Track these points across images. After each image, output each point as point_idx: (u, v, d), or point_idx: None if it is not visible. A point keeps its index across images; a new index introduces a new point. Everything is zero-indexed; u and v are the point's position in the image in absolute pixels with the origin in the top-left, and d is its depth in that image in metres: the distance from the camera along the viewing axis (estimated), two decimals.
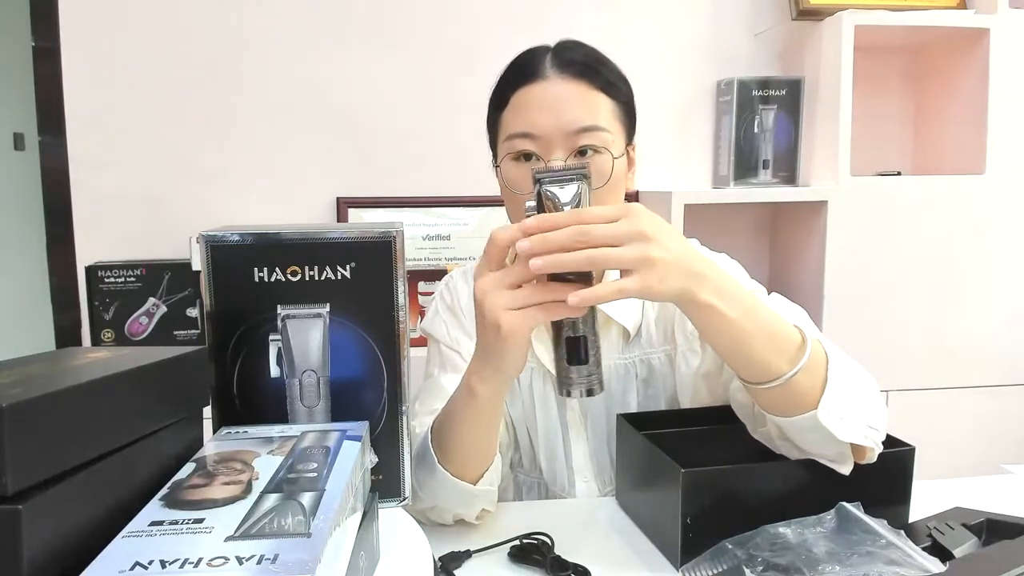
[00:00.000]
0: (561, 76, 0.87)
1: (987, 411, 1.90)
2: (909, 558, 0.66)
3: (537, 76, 0.88)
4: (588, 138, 0.86)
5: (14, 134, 3.26)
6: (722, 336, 0.71)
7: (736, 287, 0.72)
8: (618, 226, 0.65)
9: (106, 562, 0.38)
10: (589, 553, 0.75)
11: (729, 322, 0.69)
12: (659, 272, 0.65)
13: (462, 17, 1.92)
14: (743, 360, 0.73)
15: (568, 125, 0.85)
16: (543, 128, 0.86)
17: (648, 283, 0.65)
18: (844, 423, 0.72)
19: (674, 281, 0.66)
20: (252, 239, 0.60)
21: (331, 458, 0.52)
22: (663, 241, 0.66)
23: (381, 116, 1.91)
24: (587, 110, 0.87)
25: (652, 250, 0.65)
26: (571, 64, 0.88)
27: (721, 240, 1.17)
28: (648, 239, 0.65)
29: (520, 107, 0.88)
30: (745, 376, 0.75)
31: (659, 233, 0.66)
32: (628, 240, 0.65)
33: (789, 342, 0.72)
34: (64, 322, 1.85)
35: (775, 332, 0.72)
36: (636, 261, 0.64)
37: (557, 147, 0.86)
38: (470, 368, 0.76)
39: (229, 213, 1.87)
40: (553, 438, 0.99)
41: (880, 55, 2.00)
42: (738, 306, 0.69)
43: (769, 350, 0.71)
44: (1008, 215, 1.87)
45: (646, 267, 0.64)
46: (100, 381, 0.47)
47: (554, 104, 0.86)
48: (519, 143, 0.88)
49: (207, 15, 1.84)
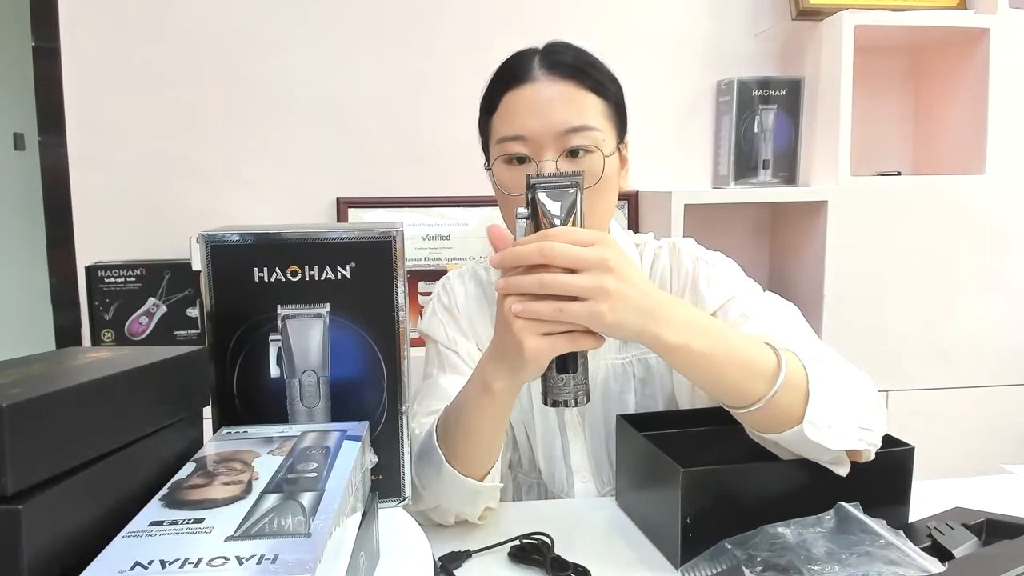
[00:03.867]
0: (550, 78, 0.88)
1: (987, 411, 1.90)
2: (908, 558, 0.66)
3: (526, 79, 0.88)
4: (578, 138, 0.86)
5: (14, 134, 3.26)
6: (696, 371, 0.71)
7: (701, 319, 0.72)
8: (583, 250, 0.65)
9: (106, 562, 0.38)
10: (589, 553, 0.75)
11: (700, 356, 0.69)
12: (612, 303, 0.64)
13: (462, 17, 1.92)
14: (720, 389, 0.73)
15: (557, 126, 0.86)
16: (533, 130, 0.86)
17: (596, 311, 0.64)
18: (833, 431, 0.72)
19: (628, 316, 0.65)
20: (252, 239, 0.60)
21: (331, 458, 0.52)
22: (624, 274, 0.65)
23: (381, 116, 1.91)
24: (576, 110, 0.87)
25: (608, 281, 0.64)
26: (559, 66, 0.89)
27: (721, 240, 1.17)
28: (609, 270, 0.64)
29: (510, 110, 0.89)
30: (726, 402, 0.75)
31: (622, 266, 0.65)
32: (588, 267, 0.64)
33: (764, 364, 0.72)
34: (64, 322, 1.84)
35: (747, 357, 0.72)
36: (591, 289, 0.64)
37: (548, 148, 0.86)
38: (485, 366, 0.75)
39: (229, 213, 1.87)
40: (551, 438, 0.99)
41: (880, 55, 2.00)
42: (706, 338, 0.69)
43: (744, 376, 0.71)
44: (1008, 215, 1.87)
45: (600, 296, 0.64)
46: (100, 381, 0.47)
47: (543, 106, 0.87)
48: (510, 146, 0.88)
49: (207, 15, 1.84)
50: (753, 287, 0.96)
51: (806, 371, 0.73)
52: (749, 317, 0.88)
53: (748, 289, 0.95)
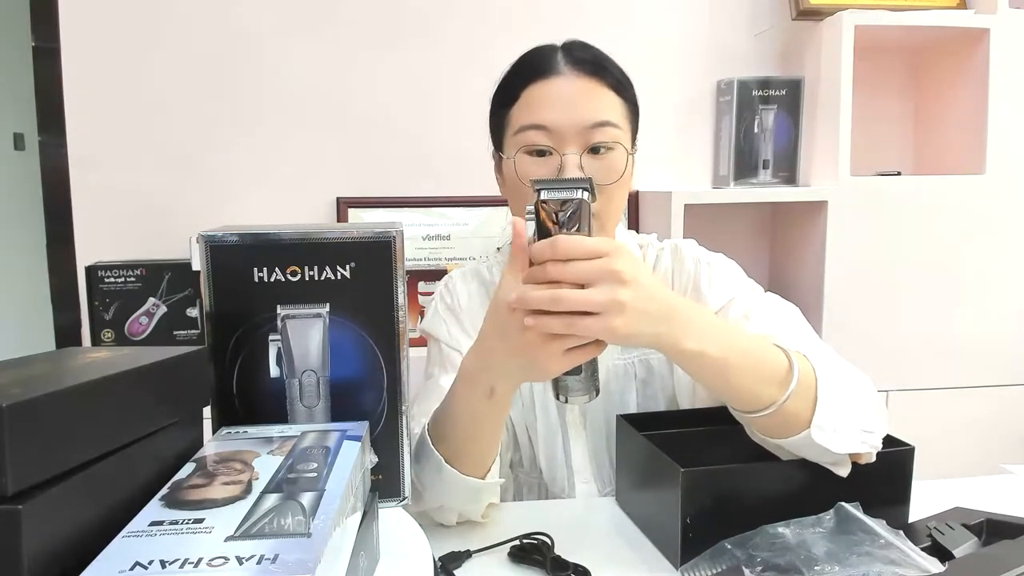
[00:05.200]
0: (575, 72, 0.88)
1: (987, 411, 1.90)
2: (908, 558, 0.66)
3: (550, 72, 0.88)
4: (602, 134, 0.86)
5: (14, 134, 3.26)
6: (710, 376, 0.71)
7: (717, 325, 0.72)
8: (592, 264, 0.63)
9: (106, 562, 0.38)
10: (589, 553, 0.75)
11: (715, 362, 0.69)
12: (626, 318, 0.63)
13: (463, 17, 1.92)
14: (732, 394, 0.73)
15: (582, 120, 0.86)
16: (557, 122, 0.86)
17: (611, 325, 0.63)
18: (838, 435, 0.72)
19: (643, 327, 0.65)
20: (252, 239, 0.60)
21: (331, 458, 0.52)
22: (638, 284, 0.64)
23: (381, 116, 1.91)
24: (600, 106, 0.87)
25: (623, 294, 0.63)
26: (582, 62, 0.89)
27: (721, 240, 1.17)
28: (623, 282, 0.63)
29: (532, 102, 0.88)
30: (737, 407, 0.75)
31: (636, 276, 0.64)
32: (600, 280, 0.63)
33: (776, 368, 0.72)
34: (64, 322, 1.84)
35: (761, 362, 0.71)
36: (604, 304, 0.63)
37: (571, 143, 0.86)
38: (484, 367, 0.73)
39: (229, 213, 1.87)
40: (553, 439, 0.99)
41: (880, 55, 2.00)
42: (722, 344, 0.69)
43: (757, 381, 0.71)
44: (1008, 215, 1.87)
45: (615, 310, 0.63)
46: (100, 381, 0.47)
47: (568, 99, 0.87)
48: (532, 136, 0.87)
49: (207, 15, 1.84)
50: (754, 288, 0.96)
51: (816, 375, 0.73)
52: (750, 318, 0.88)
53: (749, 290, 0.95)
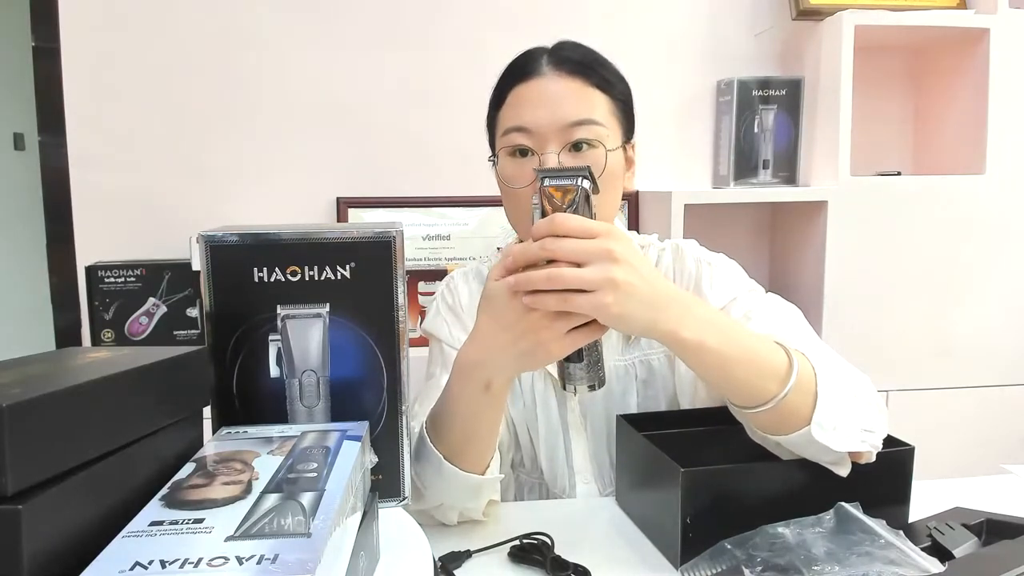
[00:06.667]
0: (557, 73, 0.89)
1: (987, 411, 1.90)
2: (908, 558, 0.66)
3: (533, 73, 0.90)
4: (582, 132, 0.87)
5: (14, 134, 3.26)
6: (709, 368, 0.71)
7: (717, 317, 0.72)
8: (587, 243, 0.65)
9: (106, 562, 0.38)
10: (589, 553, 0.75)
11: (714, 354, 0.69)
12: (617, 295, 0.64)
13: (462, 18, 1.92)
14: (731, 388, 0.73)
15: (562, 119, 0.86)
16: (537, 122, 0.87)
17: (602, 302, 0.64)
18: (838, 433, 0.72)
19: (635, 308, 0.65)
20: (252, 239, 0.60)
21: (331, 458, 0.52)
22: (631, 265, 0.65)
23: (381, 116, 1.91)
24: (581, 105, 0.87)
25: (615, 272, 0.64)
26: (566, 62, 0.90)
27: (721, 240, 1.17)
28: (615, 260, 0.64)
29: (516, 103, 0.90)
30: (736, 401, 0.75)
31: (628, 257, 0.65)
32: (594, 259, 0.64)
33: (776, 363, 0.72)
34: (64, 322, 1.84)
35: (760, 356, 0.72)
36: (597, 282, 0.64)
37: (551, 141, 0.87)
38: (480, 361, 0.74)
39: (229, 213, 1.87)
40: (554, 439, 0.99)
41: (880, 55, 2.00)
42: (721, 336, 0.69)
43: (756, 374, 0.71)
44: (1008, 215, 1.87)
45: (607, 288, 0.64)
46: (100, 381, 0.47)
47: (549, 99, 0.88)
48: (514, 137, 0.89)
49: (207, 15, 1.84)
50: (755, 289, 0.96)
51: (815, 373, 0.73)
52: (751, 318, 0.88)
53: (750, 291, 0.95)
